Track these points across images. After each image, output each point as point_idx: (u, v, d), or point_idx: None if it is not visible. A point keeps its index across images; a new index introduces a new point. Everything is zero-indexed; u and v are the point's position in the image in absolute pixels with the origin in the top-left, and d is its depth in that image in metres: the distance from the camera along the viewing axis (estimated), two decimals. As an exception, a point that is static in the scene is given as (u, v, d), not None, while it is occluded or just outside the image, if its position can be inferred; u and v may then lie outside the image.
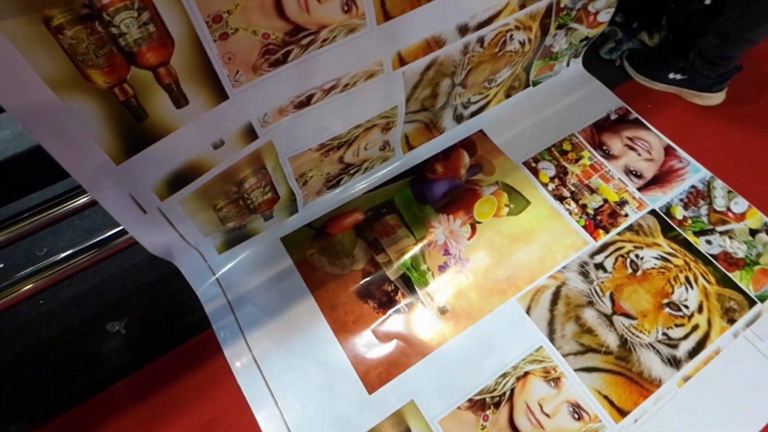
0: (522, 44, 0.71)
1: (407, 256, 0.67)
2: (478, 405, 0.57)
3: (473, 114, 0.78)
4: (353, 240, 0.69)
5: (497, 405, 0.57)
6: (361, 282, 0.65)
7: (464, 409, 0.57)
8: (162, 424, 0.56)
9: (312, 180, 0.65)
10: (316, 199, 0.70)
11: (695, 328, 0.62)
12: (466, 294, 0.65)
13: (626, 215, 0.71)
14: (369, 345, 0.61)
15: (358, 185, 0.73)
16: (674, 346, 0.61)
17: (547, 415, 0.56)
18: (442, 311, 0.63)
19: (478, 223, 0.70)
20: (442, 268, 0.67)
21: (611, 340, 0.61)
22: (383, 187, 0.73)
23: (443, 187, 0.74)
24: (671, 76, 0.83)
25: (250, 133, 0.51)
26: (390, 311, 0.63)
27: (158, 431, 0.56)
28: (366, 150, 0.68)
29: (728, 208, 0.72)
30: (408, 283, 0.65)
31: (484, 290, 0.65)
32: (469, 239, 0.69)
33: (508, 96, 0.81)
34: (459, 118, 0.77)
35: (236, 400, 0.58)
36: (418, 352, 0.61)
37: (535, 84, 0.83)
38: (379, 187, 0.73)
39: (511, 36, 0.68)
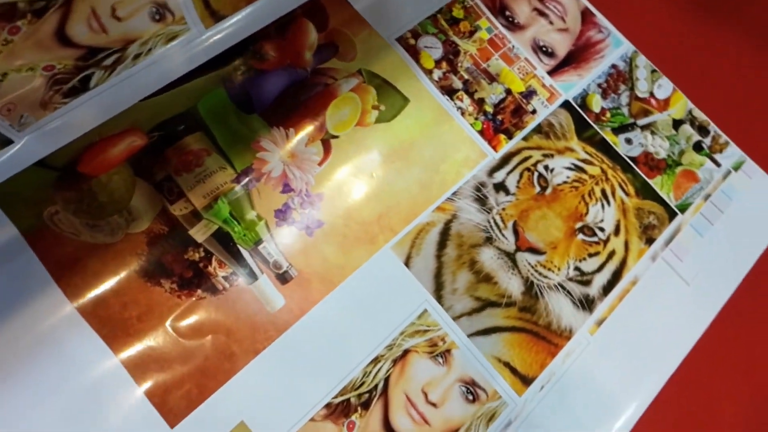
0: None
1: (223, 201, 0.43)
2: (339, 410, 0.40)
3: (319, -41, 0.50)
4: (129, 182, 0.42)
5: (366, 405, 0.40)
6: (148, 252, 0.41)
7: (320, 420, 0.39)
8: None
9: (7, 81, 0.35)
10: (45, 117, 0.40)
11: (611, 255, 0.49)
12: (320, 248, 0.44)
13: (534, 111, 0.52)
14: (167, 350, 0.39)
15: (128, 87, 0.43)
16: (587, 283, 0.47)
17: (434, 405, 0.41)
18: (284, 279, 0.42)
19: (334, 137, 0.47)
20: (281, 213, 0.44)
21: (514, 287, 0.46)
22: (177, 87, 0.45)
23: (279, 81, 0.47)
24: None
25: None
26: (200, 291, 0.41)
27: None
28: (120, 20, 0.38)
29: (651, 94, 0.56)
30: (227, 244, 0.42)
31: (345, 240, 0.44)
32: (320, 164, 0.46)
33: (372, -71, 0.52)
34: (295, -34, 0.48)
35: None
36: (247, 347, 0.40)
37: None
38: (168, 88, 0.45)
39: None
